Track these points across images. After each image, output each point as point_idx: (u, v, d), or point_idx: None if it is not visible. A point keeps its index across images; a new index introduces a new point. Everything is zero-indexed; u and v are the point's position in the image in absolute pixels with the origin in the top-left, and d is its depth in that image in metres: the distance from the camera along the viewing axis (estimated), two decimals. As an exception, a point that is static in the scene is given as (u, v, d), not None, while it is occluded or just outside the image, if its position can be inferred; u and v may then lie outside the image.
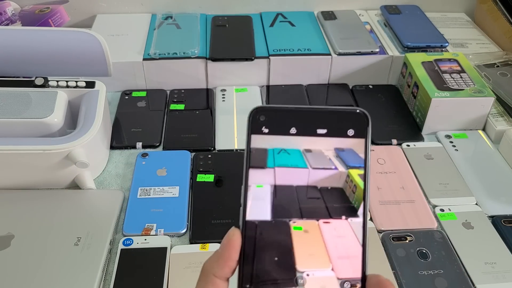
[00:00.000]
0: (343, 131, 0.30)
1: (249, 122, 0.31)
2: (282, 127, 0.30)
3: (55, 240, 0.58)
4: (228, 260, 0.29)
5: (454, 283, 0.55)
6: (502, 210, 0.65)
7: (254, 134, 0.31)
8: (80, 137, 0.62)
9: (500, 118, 0.78)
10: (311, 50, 0.87)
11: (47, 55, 0.69)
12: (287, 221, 0.30)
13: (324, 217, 0.31)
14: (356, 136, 0.31)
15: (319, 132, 0.31)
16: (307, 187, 0.31)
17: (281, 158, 0.31)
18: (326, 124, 0.30)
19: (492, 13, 0.98)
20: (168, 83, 0.87)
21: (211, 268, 0.29)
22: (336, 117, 0.31)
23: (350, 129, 0.31)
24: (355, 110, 0.30)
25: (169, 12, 0.97)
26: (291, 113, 0.30)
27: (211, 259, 0.29)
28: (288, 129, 0.31)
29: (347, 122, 0.30)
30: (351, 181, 0.31)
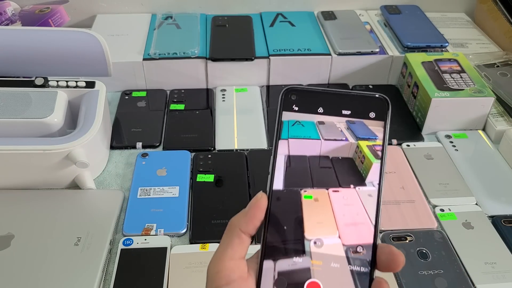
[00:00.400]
0: (365, 113, 0.33)
1: (281, 99, 0.34)
2: (311, 107, 0.34)
3: (55, 240, 0.58)
4: (253, 218, 0.31)
5: (454, 283, 0.55)
6: (502, 210, 0.65)
7: (285, 111, 0.34)
8: (80, 137, 0.62)
9: (500, 118, 0.78)
10: (311, 50, 0.87)
11: (47, 55, 0.69)
12: (299, 190, 0.33)
13: (334, 186, 0.33)
14: (376, 119, 0.33)
15: (343, 113, 0.34)
16: (320, 157, 0.34)
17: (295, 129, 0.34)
18: (350, 106, 0.33)
19: (492, 13, 0.98)
20: (168, 83, 0.87)
21: (238, 223, 0.32)
22: (360, 101, 0.33)
23: (371, 112, 0.33)
24: (377, 95, 0.33)
25: (169, 12, 0.97)
26: (320, 94, 0.34)
27: (238, 216, 0.32)
28: (316, 108, 0.34)
29: (369, 105, 0.33)
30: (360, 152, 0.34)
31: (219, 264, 0.31)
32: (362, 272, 0.32)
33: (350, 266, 0.32)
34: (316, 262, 0.32)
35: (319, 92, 0.34)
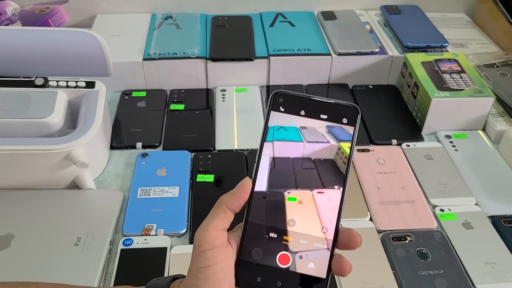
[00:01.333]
0: (339, 119, 0.40)
1: (270, 101, 0.40)
2: (294, 109, 0.40)
3: (55, 240, 0.58)
4: (239, 198, 0.37)
5: (454, 283, 0.55)
6: (502, 210, 0.65)
7: (273, 111, 0.40)
8: (80, 137, 0.62)
9: (500, 118, 0.78)
10: (311, 50, 0.87)
11: (47, 55, 0.69)
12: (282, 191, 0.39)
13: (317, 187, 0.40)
14: (348, 124, 0.40)
15: (322, 117, 0.40)
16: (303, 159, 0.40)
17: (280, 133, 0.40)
18: (327, 112, 0.40)
19: (492, 13, 0.98)
20: (168, 83, 0.87)
21: (225, 200, 0.38)
22: (335, 108, 0.40)
23: (344, 118, 0.40)
24: (350, 104, 0.40)
25: (169, 12, 0.97)
26: (303, 100, 0.40)
27: (227, 194, 0.38)
28: (299, 111, 0.40)
29: (343, 112, 0.40)
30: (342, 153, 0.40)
31: (205, 232, 0.36)
32: (325, 248, 0.38)
33: (315, 243, 0.38)
34: (288, 238, 0.38)
35: (303, 98, 0.40)
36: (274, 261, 0.38)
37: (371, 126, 0.79)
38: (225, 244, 0.37)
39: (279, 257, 0.38)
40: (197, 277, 0.35)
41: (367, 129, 0.79)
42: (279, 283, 0.37)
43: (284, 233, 0.38)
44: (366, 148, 0.74)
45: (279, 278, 0.37)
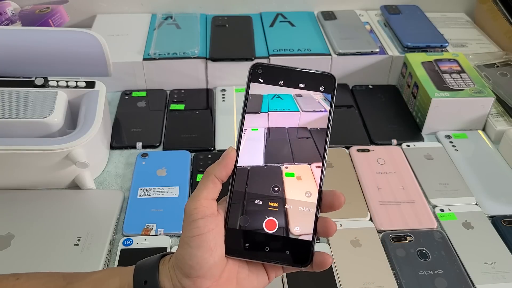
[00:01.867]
0: (317, 87, 0.41)
1: (249, 73, 0.41)
2: (273, 80, 0.41)
3: (55, 240, 0.58)
4: (226, 167, 0.39)
5: (454, 283, 0.55)
6: (502, 210, 0.65)
7: (252, 82, 0.41)
8: (80, 137, 0.62)
9: (500, 118, 0.78)
10: (311, 50, 0.87)
11: (47, 55, 0.69)
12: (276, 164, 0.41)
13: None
14: (325, 92, 0.41)
15: (299, 85, 0.41)
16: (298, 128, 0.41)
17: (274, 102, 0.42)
18: (305, 81, 0.41)
19: (492, 13, 0.98)
20: (168, 83, 0.87)
21: (212, 170, 0.39)
22: (312, 77, 0.41)
23: (321, 86, 0.41)
24: (326, 73, 0.41)
25: (169, 12, 0.97)
26: (280, 70, 0.42)
27: (214, 165, 0.39)
28: (278, 81, 0.41)
29: (320, 81, 0.41)
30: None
31: (196, 202, 0.38)
32: (310, 212, 0.39)
33: (300, 207, 0.39)
34: (273, 204, 0.39)
35: (280, 68, 0.42)
36: (260, 227, 0.39)
37: (371, 126, 0.79)
38: (216, 213, 0.38)
39: (265, 223, 0.39)
40: (189, 245, 0.36)
41: (367, 129, 0.79)
42: (267, 248, 0.39)
43: (270, 200, 0.39)
44: (366, 148, 0.74)
45: (266, 243, 0.39)
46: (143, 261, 0.40)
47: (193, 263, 0.36)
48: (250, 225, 0.39)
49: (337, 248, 0.59)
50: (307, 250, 0.39)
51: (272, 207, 0.39)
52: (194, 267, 0.36)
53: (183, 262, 0.36)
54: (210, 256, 0.36)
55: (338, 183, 0.68)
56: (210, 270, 0.36)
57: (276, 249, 0.38)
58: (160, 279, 0.38)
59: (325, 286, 0.54)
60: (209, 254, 0.36)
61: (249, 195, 0.40)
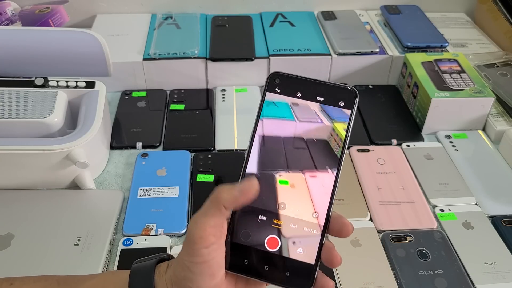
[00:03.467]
0: (336, 101, 0.39)
1: (266, 82, 0.40)
2: (290, 91, 0.39)
3: (55, 240, 0.58)
4: (238, 200, 0.36)
5: (454, 283, 0.55)
6: (502, 210, 0.65)
7: (269, 92, 0.40)
8: (80, 137, 0.62)
9: (500, 118, 0.78)
10: (311, 50, 0.87)
11: (47, 55, 0.69)
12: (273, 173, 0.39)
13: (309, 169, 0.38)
14: (345, 107, 0.39)
15: (318, 99, 0.39)
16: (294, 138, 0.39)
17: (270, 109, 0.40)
18: (324, 94, 0.39)
19: (492, 13, 0.98)
20: (168, 83, 0.87)
21: (223, 200, 0.36)
22: (333, 90, 0.39)
23: (341, 101, 0.39)
24: (347, 87, 0.39)
25: (169, 12, 0.97)
26: (299, 81, 0.39)
27: (226, 193, 0.37)
28: (295, 93, 0.39)
29: (340, 95, 0.39)
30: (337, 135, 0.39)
31: (202, 231, 0.35)
32: (315, 234, 0.37)
33: (305, 228, 0.37)
34: (278, 222, 0.37)
35: (299, 79, 0.39)
36: (262, 244, 0.37)
37: (371, 126, 0.79)
38: (222, 236, 0.36)
39: (267, 241, 0.37)
40: (190, 270, 0.35)
41: (367, 129, 0.79)
42: (266, 267, 0.37)
43: (274, 217, 0.37)
44: (366, 148, 0.74)
45: (266, 261, 0.37)
46: (138, 267, 0.39)
47: (193, 286, 0.35)
48: (251, 241, 0.37)
49: (337, 248, 0.59)
50: (308, 274, 0.37)
51: (276, 224, 0.37)
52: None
53: (184, 284, 0.36)
54: (212, 280, 0.35)
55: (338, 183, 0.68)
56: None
57: (276, 269, 0.37)
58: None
59: (325, 286, 0.54)
60: (211, 278, 0.35)
61: (253, 210, 0.38)
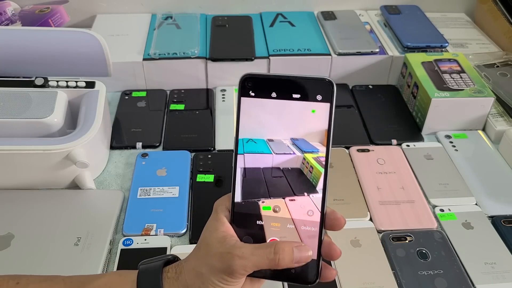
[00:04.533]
0: (313, 96, 0.37)
1: (239, 86, 0.38)
2: (265, 92, 0.38)
3: (55, 240, 0.58)
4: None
5: (454, 283, 0.55)
6: (502, 210, 0.65)
7: (243, 97, 0.38)
8: (80, 137, 0.62)
9: (500, 118, 0.78)
10: (311, 50, 0.87)
11: (47, 55, 0.69)
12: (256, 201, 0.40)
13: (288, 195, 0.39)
14: (323, 101, 0.37)
15: (294, 96, 0.38)
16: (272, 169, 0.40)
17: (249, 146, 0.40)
18: (300, 90, 0.37)
19: (492, 13, 0.98)
20: (168, 83, 0.87)
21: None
22: (308, 84, 0.37)
23: (318, 94, 0.37)
24: (323, 78, 0.37)
25: (169, 12, 0.97)
26: (272, 80, 0.38)
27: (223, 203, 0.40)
28: (270, 93, 0.38)
29: (316, 88, 0.37)
30: (308, 163, 0.39)
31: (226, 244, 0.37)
32: (313, 231, 0.38)
33: (303, 226, 0.38)
34: (275, 224, 0.39)
35: (272, 79, 0.38)
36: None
37: (371, 126, 0.79)
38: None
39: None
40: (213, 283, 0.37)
41: (367, 129, 0.79)
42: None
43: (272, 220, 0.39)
44: (366, 148, 0.74)
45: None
46: (145, 269, 0.39)
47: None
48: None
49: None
50: (312, 268, 0.38)
51: (275, 227, 0.39)
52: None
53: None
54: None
55: (338, 183, 0.68)
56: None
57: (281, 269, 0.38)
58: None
59: (325, 286, 0.54)
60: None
61: (250, 216, 0.39)
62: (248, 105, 0.38)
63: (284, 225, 0.39)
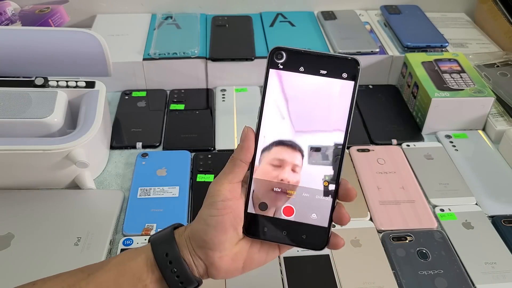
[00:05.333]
0: (339, 73, 0.39)
1: (268, 58, 0.40)
2: (293, 65, 0.40)
3: (55, 240, 0.58)
4: (248, 149, 0.40)
5: (454, 283, 0.55)
6: (502, 210, 0.65)
7: (271, 69, 0.40)
8: (80, 137, 0.62)
9: (500, 118, 0.78)
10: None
11: (47, 55, 0.69)
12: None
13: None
14: (348, 79, 0.39)
15: (321, 72, 0.39)
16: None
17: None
18: (327, 67, 0.39)
19: (492, 13, 0.98)
20: (168, 83, 0.87)
21: (238, 155, 0.40)
22: (335, 62, 0.39)
23: (344, 72, 0.39)
24: (349, 57, 0.39)
25: (169, 12, 0.97)
26: (301, 55, 0.39)
27: (236, 150, 0.41)
28: (298, 67, 0.39)
29: (342, 66, 0.39)
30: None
31: (220, 185, 0.40)
32: (326, 200, 0.40)
33: (317, 196, 0.40)
34: (291, 192, 0.41)
35: (301, 53, 0.39)
36: (279, 213, 0.41)
37: (371, 126, 0.79)
38: (238, 196, 0.40)
39: (283, 209, 0.41)
40: (206, 223, 0.39)
41: (367, 129, 0.79)
42: (285, 232, 0.41)
43: (288, 187, 0.40)
44: (366, 148, 0.74)
45: (284, 228, 0.41)
46: (156, 236, 0.42)
47: (207, 238, 0.39)
48: (268, 211, 0.41)
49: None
50: (323, 235, 0.40)
51: (290, 194, 0.41)
52: (207, 242, 0.39)
53: (198, 236, 0.40)
54: (223, 234, 0.39)
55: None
56: (221, 245, 0.40)
57: (293, 234, 0.40)
58: (179, 249, 0.40)
59: (325, 285, 0.54)
60: (223, 233, 0.39)
61: (267, 183, 0.41)
62: (275, 76, 0.40)
63: (299, 193, 0.41)
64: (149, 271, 0.40)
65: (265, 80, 0.40)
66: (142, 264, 0.40)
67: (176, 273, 0.40)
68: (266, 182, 0.41)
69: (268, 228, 0.41)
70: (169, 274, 0.40)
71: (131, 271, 0.40)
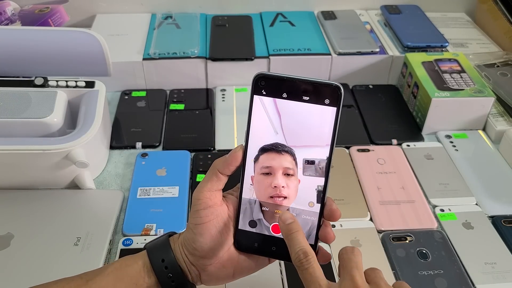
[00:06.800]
0: (321, 100, 0.40)
1: (252, 84, 0.40)
2: (276, 92, 0.40)
3: (55, 240, 0.58)
4: (229, 165, 0.42)
5: (454, 283, 0.55)
6: (502, 210, 0.65)
7: (255, 95, 0.41)
8: (80, 137, 0.62)
9: (500, 118, 0.78)
10: (311, 50, 0.87)
11: (47, 55, 0.69)
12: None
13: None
14: (330, 105, 0.40)
15: (304, 98, 0.40)
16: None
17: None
18: (309, 93, 0.40)
19: (492, 13, 0.98)
20: (168, 83, 0.87)
21: (217, 165, 0.42)
22: (317, 89, 0.40)
23: (326, 98, 0.40)
24: (332, 84, 0.39)
25: (169, 12, 0.97)
26: (284, 81, 0.40)
27: (220, 160, 0.42)
28: (281, 94, 0.40)
29: (325, 93, 0.40)
30: None
31: (200, 194, 0.41)
32: (313, 220, 0.42)
33: (303, 216, 0.42)
34: (279, 212, 0.42)
35: (284, 79, 0.40)
36: (268, 230, 0.43)
37: (371, 126, 0.79)
38: (219, 203, 0.42)
39: (272, 227, 0.43)
40: (193, 232, 0.41)
41: (367, 129, 0.79)
42: (274, 248, 0.43)
43: (276, 207, 0.43)
44: (366, 148, 0.74)
45: (273, 244, 0.43)
46: (152, 244, 0.44)
47: (196, 246, 0.41)
48: (258, 229, 0.43)
49: (337, 248, 0.59)
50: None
51: (278, 213, 0.42)
52: (197, 249, 0.41)
53: (189, 244, 0.42)
54: (210, 241, 0.41)
55: (338, 183, 0.68)
56: (210, 252, 0.41)
57: (282, 249, 0.41)
58: (174, 255, 0.42)
59: (325, 286, 0.54)
60: (210, 240, 0.41)
61: (257, 202, 0.43)
62: (259, 103, 0.41)
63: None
64: (145, 276, 0.42)
65: (250, 106, 0.41)
66: (139, 269, 0.42)
67: (171, 278, 0.42)
68: (256, 201, 0.43)
69: (258, 244, 0.43)
70: (164, 279, 0.42)
71: (128, 276, 0.41)
